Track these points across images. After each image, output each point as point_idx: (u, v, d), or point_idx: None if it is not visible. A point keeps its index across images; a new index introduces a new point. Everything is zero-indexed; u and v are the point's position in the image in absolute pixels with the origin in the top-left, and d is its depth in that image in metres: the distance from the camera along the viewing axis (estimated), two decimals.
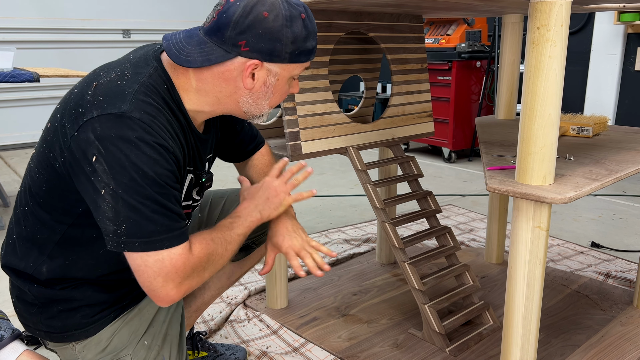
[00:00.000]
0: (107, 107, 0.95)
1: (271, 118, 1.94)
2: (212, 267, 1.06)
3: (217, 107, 1.11)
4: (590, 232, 2.80)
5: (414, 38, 1.97)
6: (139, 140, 0.94)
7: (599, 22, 4.18)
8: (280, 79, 1.08)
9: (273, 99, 1.12)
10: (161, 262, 0.96)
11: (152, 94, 1.00)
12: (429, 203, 1.85)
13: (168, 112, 1.03)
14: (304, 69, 1.11)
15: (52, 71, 2.93)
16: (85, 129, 0.94)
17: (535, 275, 1.22)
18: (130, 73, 1.02)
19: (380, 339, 1.71)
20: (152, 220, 0.95)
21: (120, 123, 0.94)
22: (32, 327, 1.14)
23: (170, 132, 1.01)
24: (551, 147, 1.19)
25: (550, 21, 1.12)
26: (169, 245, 0.97)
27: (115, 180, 0.93)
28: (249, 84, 1.06)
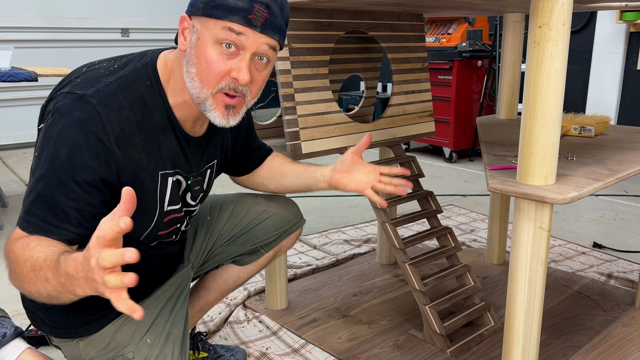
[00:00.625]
0: (77, 88, 0.98)
1: (271, 118, 1.94)
2: (15, 273, 0.90)
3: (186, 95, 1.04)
4: (592, 233, 2.80)
5: (414, 37, 1.97)
6: (80, 124, 0.94)
7: (601, 21, 4.18)
8: (201, 39, 0.97)
9: (199, 67, 0.98)
10: (11, 235, 0.94)
11: (125, 89, 0.99)
12: (429, 203, 1.85)
13: (137, 110, 1.00)
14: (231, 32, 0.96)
15: (50, 70, 2.93)
16: (53, 102, 0.99)
17: (537, 275, 1.22)
18: (118, 66, 1.03)
19: (380, 340, 1.71)
20: (34, 201, 0.94)
21: (75, 102, 0.96)
22: (39, 323, 1.16)
23: (125, 130, 0.98)
24: (553, 146, 1.19)
25: (552, 20, 1.12)
26: (32, 231, 0.94)
27: (40, 149, 0.96)
28: (181, 44, 1.02)
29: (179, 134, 1.09)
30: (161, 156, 1.06)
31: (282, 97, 1.59)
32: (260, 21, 0.97)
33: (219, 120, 1.03)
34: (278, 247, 1.49)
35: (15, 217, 2.93)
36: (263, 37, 0.99)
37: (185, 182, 1.15)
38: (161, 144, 1.05)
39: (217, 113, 1.02)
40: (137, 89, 1.01)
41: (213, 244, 1.43)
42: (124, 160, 0.98)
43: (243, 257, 1.47)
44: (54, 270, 0.82)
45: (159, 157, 1.06)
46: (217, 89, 1.00)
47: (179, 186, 1.14)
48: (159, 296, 1.23)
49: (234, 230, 1.43)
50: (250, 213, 1.44)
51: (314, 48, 1.66)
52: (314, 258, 2.40)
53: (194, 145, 1.14)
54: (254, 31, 0.97)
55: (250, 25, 0.96)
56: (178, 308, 1.25)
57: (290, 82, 1.60)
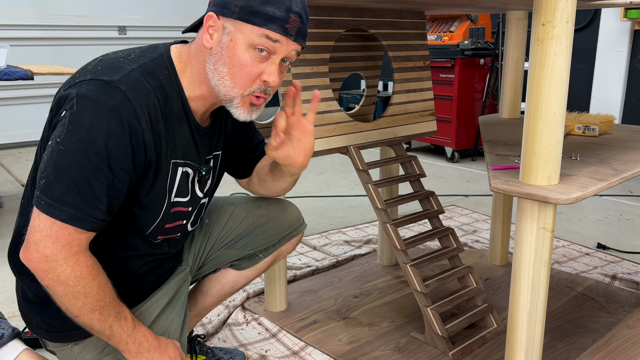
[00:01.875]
0: (101, 74, 1.00)
1: (270, 117, 1.94)
2: (69, 292, 0.99)
3: (204, 89, 1.09)
4: (596, 233, 2.80)
5: (416, 35, 1.97)
6: (112, 110, 0.96)
7: (605, 19, 4.19)
8: (234, 41, 1.03)
9: (232, 68, 1.04)
10: (49, 225, 0.95)
11: (149, 76, 1.03)
12: (431, 203, 1.85)
13: (159, 97, 1.04)
14: (269, 40, 1.02)
15: (46, 69, 2.93)
16: (72, 88, 0.99)
17: (540, 277, 1.22)
18: (135, 55, 1.07)
19: (381, 343, 1.71)
20: (68, 188, 0.95)
21: (104, 88, 0.98)
22: (34, 326, 1.16)
23: (151, 117, 1.01)
24: (556, 146, 1.19)
25: (556, 17, 1.13)
26: (64, 219, 0.95)
27: (66, 135, 0.95)
28: (207, 42, 1.05)
29: (192, 124, 1.12)
30: (175, 145, 1.09)
31: (282, 95, 1.59)
32: (295, 30, 1.05)
33: (243, 116, 1.10)
34: (277, 252, 1.49)
35: (10, 217, 2.93)
36: (294, 44, 1.07)
37: (194, 173, 1.17)
38: (176, 133, 1.09)
39: (242, 110, 1.09)
40: (158, 76, 1.05)
41: (211, 247, 1.42)
42: (151, 146, 1.02)
43: (241, 262, 1.46)
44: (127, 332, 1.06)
45: (173, 146, 1.09)
46: (249, 91, 1.07)
47: (187, 178, 1.16)
48: (157, 300, 1.23)
49: (232, 234, 1.43)
50: (249, 217, 1.43)
51: (314, 46, 1.66)
52: (313, 259, 2.40)
53: (204, 136, 1.17)
54: (288, 39, 1.05)
55: (287, 34, 1.04)
56: (176, 312, 1.25)
57: (290, 80, 1.60)
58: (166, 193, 1.11)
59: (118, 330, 1.04)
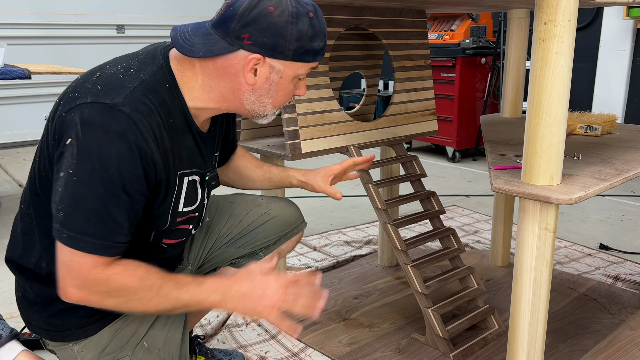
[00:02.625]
0: (102, 96, 0.98)
1: None
2: (121, 300, 1.01)
3: (221, 104, 1.12)
4: (599, 234, 2.80)
5: (416, 34, 1.97)
6: (119, 135, 0.96)
7: (608, 17, 4.19)
8: (284, 78, 1.09)
9: (277, 98, 1.12)
10: (70, 256, 0.97)
11: (150, 93, 1.02)
12: (432, 204, 1.85)
13: (162, 114, 1.03)
14: (311, 69, 1.12)
15: (44, 68, 2.93)
16: (74, 112, 0.98)
17: (542, 278, 1.22)
18: (135, 69, 1.05)
19: (382, 344, 1.71)
20: (88, 219, 0.96)
21: (107, 113, 0.96)
22: (34, 326, 1.16)
23: (156, 136, 1.01)
24: (558, 146, 1.19)
25: (558, 16, 1.13)
26: (89, 250, 0.97)
27: (77, 166, 0.95)
28: (250, 80, 1.07)
29: (195, 132, 1.13)
30: (180, 156, 1.10)
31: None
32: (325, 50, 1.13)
33: (265, 122, 1.18)
34: (278, 250, 1.49)
35: (8, 217, 2.93)
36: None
37: (201, 179, 1.19)
38: (181, 145, 1.10)
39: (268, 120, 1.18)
40: (159, 92, 1.04)
41: (212, 245, 1.43)
42: (160, 164, 1.03)
43: (241, 260, 1.46)
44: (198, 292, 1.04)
45: (179, 158, 1.10)
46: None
47: (194, 186, 1.17)
48: None
49: (233, 232, 1.43)
50: (250, 215, 1.44)
51: None
52: (313, 260, 2.40)
53: (207, 141, 1.18)
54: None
55: (321, 57, 1.12)
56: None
57: None
58: (171, 204, 1.12)
59: (188, 297, 1.04)
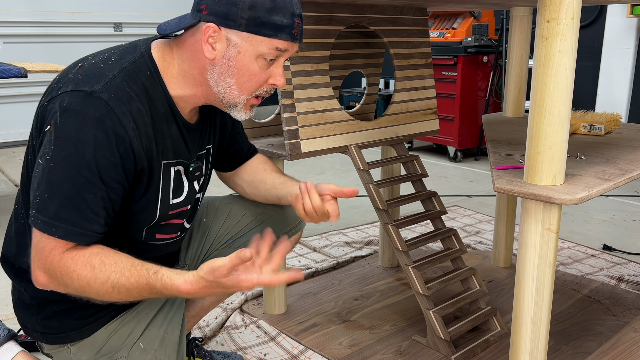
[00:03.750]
0: (82, 85, 1.00)
1: (269, 115, 1.94)
2: (77, 289, 0.99)
3: (197, 90, 1.11)
4: (602, 235, 2.80)
5: (418, 32, 1.97)
6: (96, 121, 0.97)
7: (611, 15, 4.19)
8: (243, 53, 1.04)
9: (240, 79, 1.07)
10: (43, 245, 0.98)
11: (130, 81, 1.03)
12: (433, 204, 1.85)
13: (143, 101, 1.04)
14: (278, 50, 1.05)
15: (40, 66, 2.93)
16: (55, 100, 1.00)
17: (545, 279, 1.22)
18: (116, 58, 1.06)
19: (382, 346, 1.71)
20: (62, 205, 0.96)
21: (86, 100, 0.98)
22: (30, 329, 1.17)
23: (137, 123, 1.02)
24: (561, 145, 1.19)
25: (561, 14, 1.13)
26: (61, 236, 0.97)
27: (54, 152, 0.96)
28: (208, 52, 1.06)
29: (179, 122, 1.13)
30: (165, 146, 1.10)
31: (281, 94, 1.59)
32: (299, 33, 1.08)
33: (241, 116, 1.13)
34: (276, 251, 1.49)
35: (4, 218, 2.93)
36: (297, 46, 1.10)
37: (185, 169, 1.18)
38: (165, 134, 1.10)
39: (244, 112, 1.13)
40: (140, 79, 1.05)
41: (209, 246, 1.43)
42: (140, 152, 1.03)
43: None
44: (150, 290, 0.98)
45: (164, 147, 1.10)
46: (255, 94, 1.10)
47: (179, 176, 1.17)
48: (154, 300, 1.23)
49: (230, 233, 1.43)
50: (247, 215, 1.44)
51: (314, 43, 1.66)
52: (313, 261, 2.40)
53: (192, 132, 1.18)
54: (294, 44, 1.08)
55: (293, 40, 1.07)
56: (174, 312, 1.25)
57: (289, 78, 1.60)
58: (159, 195, 1.12)
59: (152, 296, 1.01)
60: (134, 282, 0.97)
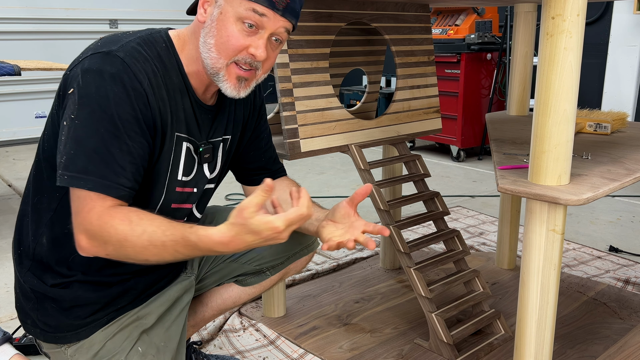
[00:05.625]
0: (101, 48, 1.06)
1: (268, 114, 1.94)
2: (114, 247, 0.99)
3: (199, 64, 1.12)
4: (608, 236, 2.81)
5: (420, 29, 1.97)
6: (114, 76, 1.02)
7: (618, 12, 4.18)
8: (224, 14, 1.06)
9: (219, 40, 1.07)
10: (77, 201, 1.00)
11: (146, 46, 1.09)
12: (436, 204, 1.85)
13: (158, 66, 1.09)
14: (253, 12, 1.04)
15: (35, 64, 2.93)
16: (77, 67, 1.05)
17: (550, 281, 1.22)
18: (134, 32, 1.13)
19: (384, 350, 1.71)
20: (90, 158, 0.99)
21: (104, 59, 1.03)
22: (30, 325, 1.18)
23: (152, 81, 1.06)
24: (566, 145, 1.19)
25: (566, 10, 1.13)
26: (90, 187, 0.98)
27: (78, 110, 1.00)
28: (200, 16, 1.10)
29: (192, 97, 1.15)
30: (178, 117, 1.13)
31: (280, 92, 1.59)
32: (282, 5, 1.07)
33: (230, 91, 1.11)
34: (285, 270, 1.47)
35: (1, 217, 2.93)
36: (282, 20, 1.08)
37: (194, 149, 1.19)
38: (178, 105, 1.13)
39: (230, 84, 1.11)
40: (155, 48, 1.10)
41: (213, 259, 1.42)
42: (156, 109, 1.07)
43: (247, 278, 1.45)
44: (185, 243, 0.98)
45: (177, 117, 1.12)
46: (233, 59, 1.09)
47: (190, 154, 1.18)
48: (157, 305, 1.24)
49: None
50: None
51: (314, 40, 1.66)
52: (313, 262, 2.40)
53: (205, 113, 1.19)
54: (275, 14, 1.07)
55: (273, 8, 1.06)
56: (173, 320, 1.25)
57: (289, 76, 1.60)
58: (169, 168, 1.13)
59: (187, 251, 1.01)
60: (169, 234, 0.98)
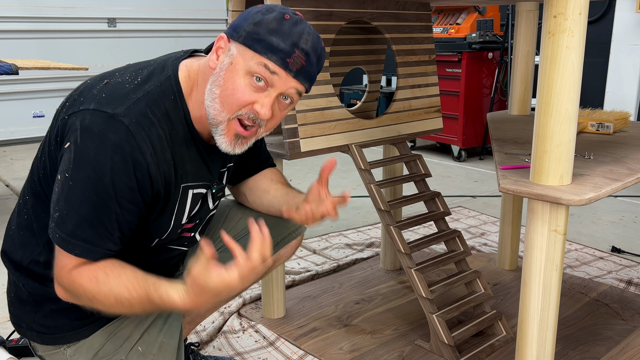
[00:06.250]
0: (105, 105, 1.02)
1: None
2: (85, 303, 1.05)
3: (203, 109, 1.09)
4: (611, 236, 2.81)
5: (421, 27, 1.97)
6: (115, 146, 0.99)
7: (620, 10, 4.18)
8: (234, 65, 1.04)
9: (224, 92, 1.04)
10: (58, 261, 1.04)
11: (153, 105, 1.05)
12: (437, 205, 1.85)
13: (164, 126, 1.06)
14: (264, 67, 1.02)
15: (32, 63, 2.93)
16: (76, 116, 1.02)
17: (552, 282, 1.22)
18: (142, 79, 1.07)
19: (384, 351, 1.71)
20: (79, 224, 1.01)
21: (107, 122, 1.00)
22: (25, 328, 1.18)
23: (156, 149, 1.04)
24: (568, 144, 1.19)
25: (568, 9, 1.13)
26: (78, 254, 1.02)
27: (73, 171, 1.00)
28: (212, 62, 1.07)
29: (199, 145, 1.14)
30: (184, 169, 1.12)
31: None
32: (297, 67, 1.04)
33: (225, 146, 1.09)
34: (276, 256, 1.48)
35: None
36: (294, 82, 1.06)
37: (207, 191, 1.20)
38: (184, 157, 1.11)
39: (226, 139, 1.09)
40: (163, 104, 1.06)
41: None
42: (157, 176, 1.05)
43: None
44: (150, 303, 1.01)
45: (183, 170, 1.12)
46: (235, 115, 1.06)
47: (199, 198, 1.19)
48: None
49: None
50: (244, 218, 1.43)
51: None
52: (313, 263, 2.40)
53: (214, 154, 1.18)
54: (287, 74, 1.04)
55: (286, 68, 1.03)
56: (173, 317, 1.25)
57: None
58: (173, 216, 1.14)
59: (155, 310, 1.07)
60: (135, 295, 1.01)
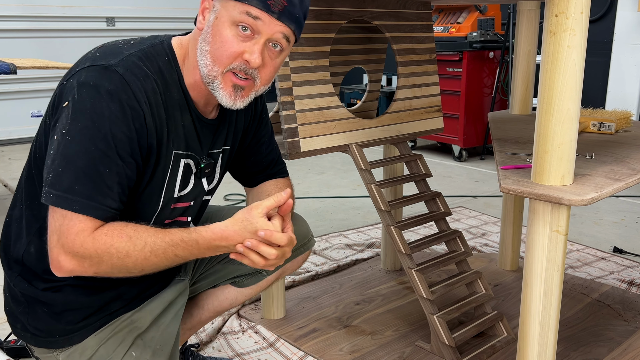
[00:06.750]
0: (99, 60, 1.03)
1: (268, 113, 1.94)
2: (113, 264, 1.00)
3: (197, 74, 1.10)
4: (613, 237, 2.81)
5: (421, 26, 1.97)
6: (111, 93, 0.99)
7: (622, 10, 4.18)
8: (219, 19, 1.04)
9: (214, 46, 1.05)
10: (61, 220, 0.98)
11: (147, 60, 1.06)
12: (437, 205, 1.85)
13: (159, 82, 1.06)
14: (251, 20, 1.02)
15: (30, 62, 2.93)
16: (73, 78, 1.02)
17: (553, 283, 1.22)
18: (135, 42, 1.10)
19: (385, 352, 1.71)
20: (77, 178, 0.98)
21: (102, 73, 1.01)
22: (20, 329, 1.17)
23: (151, 100, 1.04)
24: (570, 144, 1.19)
25: (569, 8, 1.13)
26: (76, 209, 0.97)
27: (71, 125, 0.98)
28: (199, 23, 1.08)
29: (193, 113, 1.14)
30: (177, 134, 1.11)
31: (280, 90, 1.59)
32: (278, 8, 1.03)
33: (225, 100, 1.09)
34: (282, 269, 1.47)
35: None
36: (279, 25, 1.05)
37: (196, 165, 1.18)
38: (177, 121, 1.11)
39: (225, 93, 1.08)
40: (156, 62, 1.08)
41: (208, 260, 1.42)
42: (152, 129, 1.05)
43: (243, 279, 1.45)
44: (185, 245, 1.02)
45: (176, 135, 1.11)
46: (228, 68, 1.06)
47: (189, 171, 1.17)
48: (151, 309, 1.24)
49: None
50: None
51: (314, 38, 1.66)
52: (313, 264, 2.40)
53: (206, 127, 1.18)
54: (270, 17, 1.03)
55: (268, 11, 1.03)
56: (167, 323, 1.25)
57: (288, 74, 1.60)
58: (164, 185, 1.13)
59: (186, 253, 1.04)
60: (168, 240, 1.00)
